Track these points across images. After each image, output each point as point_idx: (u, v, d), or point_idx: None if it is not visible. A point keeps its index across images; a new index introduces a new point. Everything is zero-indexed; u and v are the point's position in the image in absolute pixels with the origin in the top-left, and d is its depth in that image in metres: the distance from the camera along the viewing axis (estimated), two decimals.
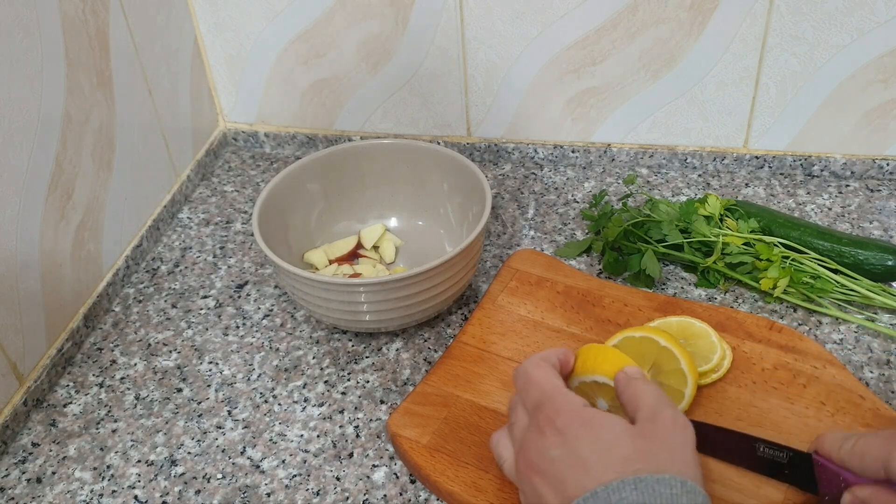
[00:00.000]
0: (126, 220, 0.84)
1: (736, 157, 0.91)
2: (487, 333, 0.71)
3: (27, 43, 0.67)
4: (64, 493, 0.64)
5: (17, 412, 0.69)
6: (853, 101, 0.84)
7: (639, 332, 0.65)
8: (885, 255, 0.73)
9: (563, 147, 0.94)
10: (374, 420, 0.68)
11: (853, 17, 0.79)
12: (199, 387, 0.72)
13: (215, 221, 0.91)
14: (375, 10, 0.88)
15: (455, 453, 0.62)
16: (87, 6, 0.75)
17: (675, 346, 0.63)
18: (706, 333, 0.67)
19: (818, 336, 0.72)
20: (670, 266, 0.80)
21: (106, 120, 0.79)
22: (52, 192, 0.72)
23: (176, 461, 0.66)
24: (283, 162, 1.00)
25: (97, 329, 0.79)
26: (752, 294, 0.76)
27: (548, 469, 0.49)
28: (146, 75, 0.85)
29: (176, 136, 0.92)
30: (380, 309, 0.69)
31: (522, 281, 0.76)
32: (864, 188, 0.88)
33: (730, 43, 0.83)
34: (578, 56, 0.87)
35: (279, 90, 0.97)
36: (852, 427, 0.61)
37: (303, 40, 0.92)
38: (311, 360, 0.74)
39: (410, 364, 0.72)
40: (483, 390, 0.67)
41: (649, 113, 0.90)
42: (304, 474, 0.64)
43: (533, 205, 0.89)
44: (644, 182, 0.91)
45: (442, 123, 0.95)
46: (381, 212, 0.85)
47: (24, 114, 0.68)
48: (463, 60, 0.90)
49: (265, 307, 0.79)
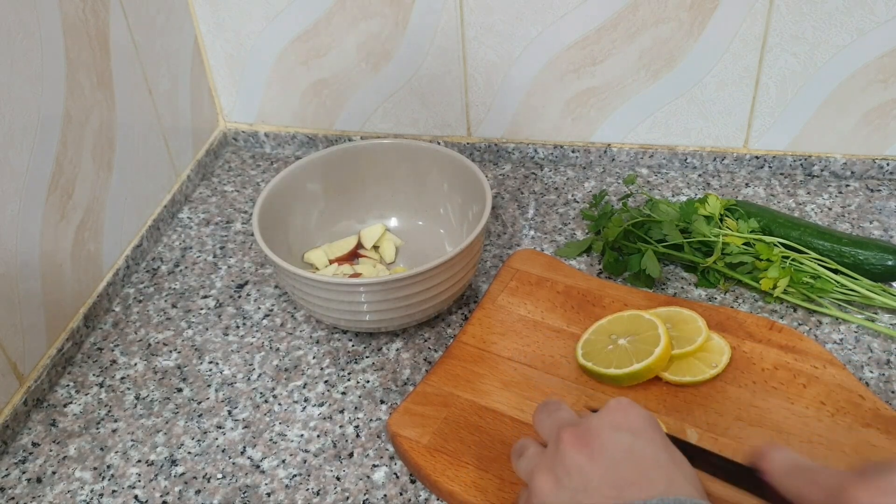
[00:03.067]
0: (126, 220, 0.84)
1: (736, 157, 0.91)
2: (487, 333, 0.71)
3: (27, 43, 0.67)
4: (64, 492, 0.64)
5: (18, 412, 0.69)
6: (853, 101, 0.84)
7: (627, 313, 0.70)
8: (885, 255, 0.73)
9: (564, 147, 0.94)
10: (375, 420, 0.68)
11: (853, 17, 0.79)
12: (200, 387, 0.72)
13: (215, 221, 0.91)
14: (375, 10, 0.88)
15: (455, 453, 0.62)
16: (87, 6, 0.75)
17: (655, 317, 0.67)
18: (693, 319, 0.69)
19: (818, 336, 0.72)
20: (670, 266, 0.80)
21: (106, 120, 0.79)
22: (52, 191, 0.72)
23: (176, 461, 0.66)
24: (283, 162, 1.00)
25: (97, 329, 0.79)
26: (752, 294, 0.76)
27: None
28: (146, 75, 0.85)
29: (176, 135, 0.92)
30: (380, 309, 0.69)
31: (522, 281, 0.76)
32: (864, 188, 0.88)
33: (730, 43, 0.83)
34: (578, 56, 0.87)
35: (279, 90, 0.97)
36: (853, 428, 0.61)
37: (303, 40, 0.92)
38: (311, 359, 0.74)
39: (410, 364, 0.72)
40: (483, 390, 0.67)
41: (649, 113, 0.90)
42: (305, 474, 0.64)
43: (533, 205, 0.89)
44: (644, 182, 0.91)
45: (442, 123, 0.95)
46: (381, 212, 0.85)
47: (25, 114, 0.68)
48: (463, 60, 0.90)
49: (265, 307, 0.79)
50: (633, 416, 0.49)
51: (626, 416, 0.49)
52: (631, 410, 0.49)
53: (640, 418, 0.49)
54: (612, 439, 0.47)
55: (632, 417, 0.49)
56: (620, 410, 0.49)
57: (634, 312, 0.69)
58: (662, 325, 0.66)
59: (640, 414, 0.49)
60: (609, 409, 0.49)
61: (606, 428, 0.48)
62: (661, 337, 0.65)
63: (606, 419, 0.49)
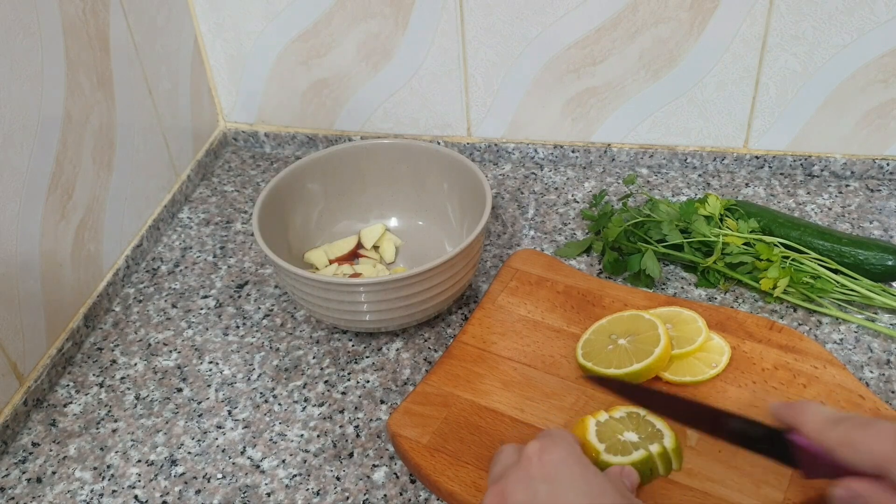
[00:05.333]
0: (126, 220, 0.84)
1: (736, 157, 0.91)
2: (487, 333, 0.71)
3: (27, 43, 0.67)
4: (64, 492, 0.64)
5: (18, 412, 0.69)
6: (853, 101, 0.84)
7: (627, 313, 0.70)
8: (885, 255, 0.73)
9: (563, 147, 0.94)
10: (374, 420, 0.68)
11: (853, 17, 0.79)
12: (200, 387, 0.72)
13: (215, 221, 0.91)
14: (375, 10, 0.88)
15: (455, 453, 0.62)
16: (87, 6, 0.75)
17: (655, 317, 0.67)
18: (693, 319, 0.69)
19: (818, 336, 0.72)
20: (670, 266, 0.80)
21: (106, 120, 0.79)
22: (52, 191, 0.72)
23: (176, 461, 0.66)
24: (283, 162, 1.00)
25: (97, 329, 0.79)
26: (752, 294, 0.76)
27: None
28: (146, 75, 0.85)
29: (176, 136, 0.92)
30: (380, 309, 0.69)
31: (522, 281, 0.76)
32: (864, 188, 0.88)
33: (730, 43, 0.83)
34: (578, 56, 0.87)
35: (279, 90, 0.97)
36: None
37: (303, 40, 0.92)
38: (311, 359, 0.74)
39: (410, 364, 0.72)
40: (483, 390, 0.67)
41: (649, 113, 0.90)
42: (305, 474, 0.64)
43: (533, 205, 0.89)
44: (644, 182, 0.91)
45: (442, 123, 0.95)
46: (381, 212, 0.85)
47: (25, 113, 0.68)
48: (463, 60, 0.90)
49: (265, 307, 0.79)
50: (548, 461, 0.49)
51: (542, 462, 0.49)
52: (546, 452, 0.50)
53: (556, 460, 0.49)
54: (528, 492, 0.48)
55: (547, 463, 0.49)
56: (536, 456, 0.49)
57: (634, 312, 0.69)
58: (662, 325, 0.66)
59: (557, 455, 0.49)
60: (524, 459, 0.50)
61: (521, 482, 0.48)
62: (661, 337, 0.65)
63: (524, 470, 0.49)
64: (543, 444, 0.50)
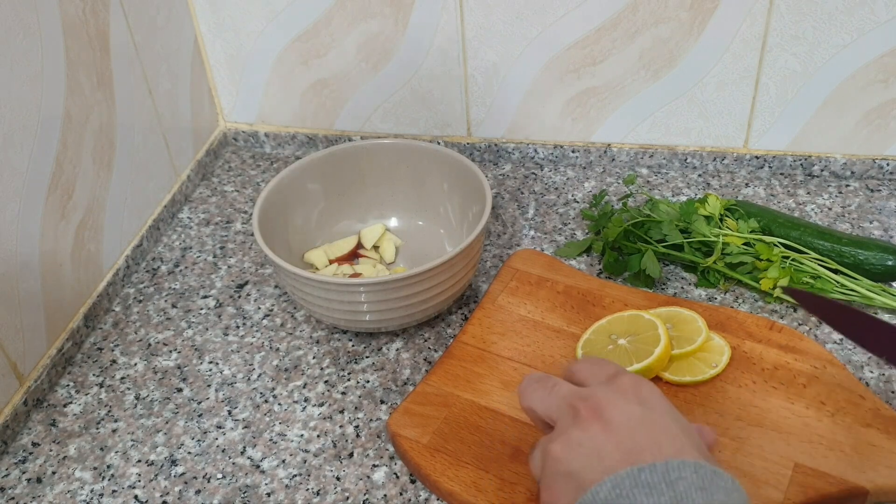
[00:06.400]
0: (126, 220, 0.84)
1: (736, 157, 0.91)
2: (487, 333, 0.71)
3: (27, 43, 0.67)
4: (64, 492, 0.64)
5: (18, 412, 0.69)
6: (853, 101, 0.84)
7: (627, 313, 0.70)
8: (885, 255, 0.73)
9: (563, 147, 0.94)
10: (374, 420, 0.68)
11: (853, 17, 0.79)
12: (200, 387, 0.72)
13: (215, 221, 0.91)
14: (375, 10, 0.88)
15: (455, 453, 0.62)
16: (87, 6, 0.75)
17: (655, 317, 0.68)
18: (693, 319, 0.69)
19: (818, 336, 0.72)
20: (670, 266, 0.80)
21: (106, 120, 0.79)
22: (52, 191, 0.72)
23: (176, 461, 0.66)
24: (283, 162, 1.00)
25: (97, 329, 0.79)
26: (752, 294, 0.76)
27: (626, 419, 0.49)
28: (146, 75, 0.85)
29: (176, 136, 0.92)
30: (380, 309, 0.69)
31: (522, 281, 0.76)
32: (864, 188, 0.88)
33: (730, 43, 0.83)
34: (578, 56, 0.87)
35: (279, 90, 0.97)
36: (853, 428, 0.61)
37: (303, 40, 0.92)
38: (311, 359, 0.74)
39: (410, 364, 0.72)
40: (483, 390, 0.67)
41: (649, 113, 0.90)
42: (305, 474, 0.64)
43: (533, 205, 0.89)
44: (644, 182, 0.91)
45: (442, 123, 0.95)
46: (381, 212, 0.85)
47: (25, 114, 0.68)
48: (463, 60, 0.90)
49: (265, 307, 0.79)
50: (643, 389, 0.51)
51: (637, 389, 0.51)
52: (640, 383, 0.52)
53: (648, 390, 0.51)
54: (625, 410, 0.49)
55: (641, 389, 0.51)
56: (630, 383, 0.51)
57: (634, 312, 0.69)
58: (662, 325, 0.66)
59: (648, 386, 0.52)
60: (618, 382, 0.52)
61: (619, 399, 0.50)
62: (661, 337, 0.65)
63: (618, 391, 0.51)
64: (633, 376, 0.52)
